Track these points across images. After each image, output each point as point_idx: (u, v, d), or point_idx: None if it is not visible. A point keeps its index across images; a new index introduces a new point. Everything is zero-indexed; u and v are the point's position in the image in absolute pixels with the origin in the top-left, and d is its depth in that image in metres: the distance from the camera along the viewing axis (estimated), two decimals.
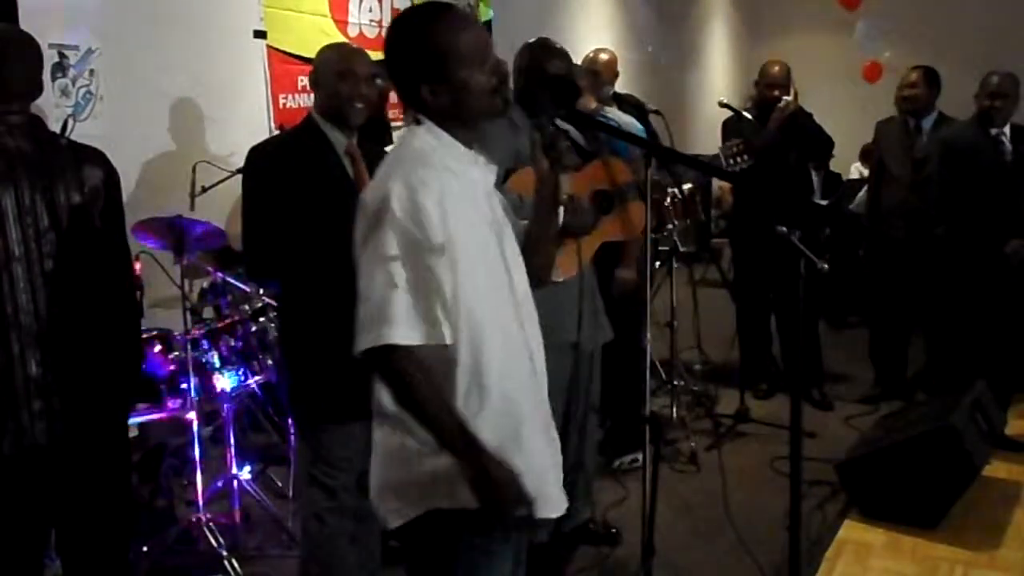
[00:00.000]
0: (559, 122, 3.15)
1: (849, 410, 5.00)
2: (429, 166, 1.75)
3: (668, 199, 3.88)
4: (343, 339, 2.56)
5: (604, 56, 4.71)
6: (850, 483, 3.82)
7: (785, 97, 4.73)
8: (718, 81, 10.39)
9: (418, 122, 1.84)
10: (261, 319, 3.65)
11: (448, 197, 1.71)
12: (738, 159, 3.48)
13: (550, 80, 3.11)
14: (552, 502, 1.89)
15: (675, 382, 4.62)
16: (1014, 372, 4.64)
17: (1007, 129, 4.47)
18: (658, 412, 4.35)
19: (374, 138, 1.86)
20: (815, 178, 6.39)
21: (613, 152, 3.33)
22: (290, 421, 3.77)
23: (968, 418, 3.74)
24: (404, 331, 1.63)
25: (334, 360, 2.58)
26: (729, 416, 4.86)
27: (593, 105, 3.84)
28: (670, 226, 4.02)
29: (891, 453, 3.70)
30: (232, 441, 3.64)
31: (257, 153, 2.73)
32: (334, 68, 2.66)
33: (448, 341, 1.68)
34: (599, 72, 4.61)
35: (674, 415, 4.58)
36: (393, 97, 3.64)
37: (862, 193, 6.44)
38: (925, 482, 3.62)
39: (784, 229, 2.39)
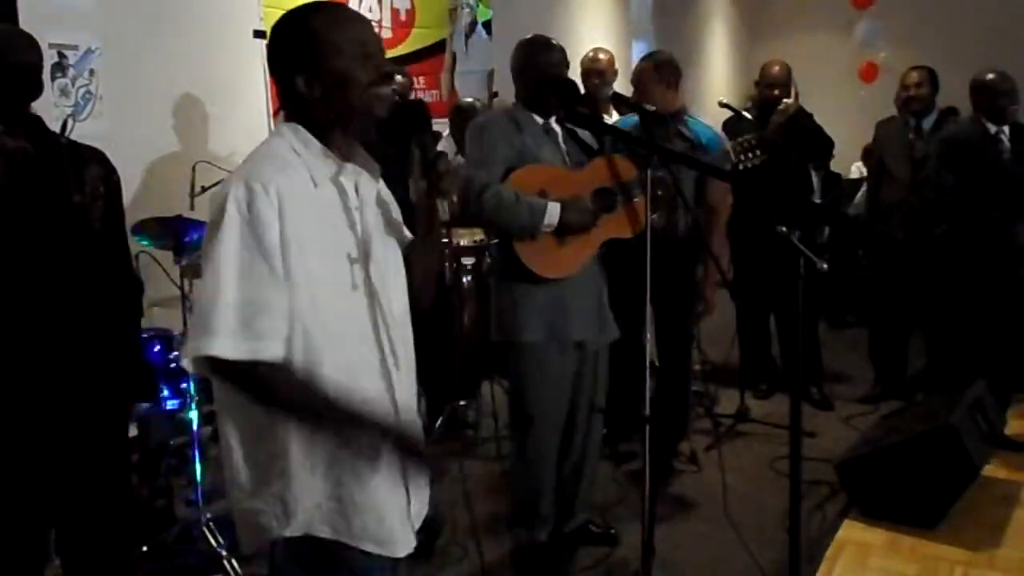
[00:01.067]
0: (553, 123, 3.17)
1: (849, 410, 5.01)
2: (277, 168, 1.65)
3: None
4: None
5: (603, 56, 4.71)
6: (850, 483, 3.82)
7: (785, 100, 4.73)
8: (718, 81, 10.38)
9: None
10: None
11: (291, 205, 1.61)
12: (750, 155, 3.45)
13: (549, 81, 3.11)
14: (396, 542, 1.78)
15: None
16: (1014, 372, 4.64)
17: (1006, 128, 4.48)
18: None
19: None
20: (815, 178, 6.38)
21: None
22: None
23: (968, 418, 3.74)
24: (223, 342, 1.55)
25: None
26: (729, 416, 4.86)
27: (677, 105, 3.84)
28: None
29: (891, 453, 3.70)
30: None
31: None
32: None
33: (274, 358, 1.59)
34: (604, 72, 4.62)
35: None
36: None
37: (861, 193, 6.44)
38: (925, 482, 3.62)
39: (784, 229, 2.39)
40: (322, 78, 1.68)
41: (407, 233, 1.95)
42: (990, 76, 4.50)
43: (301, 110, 1.72)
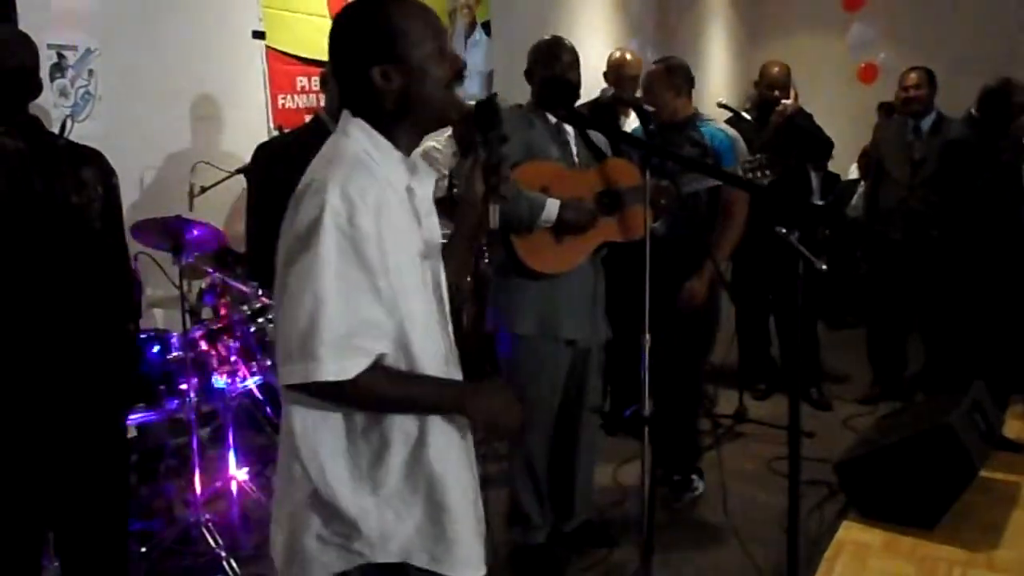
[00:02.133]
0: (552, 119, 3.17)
1: (848, 410, 5.01)
2: (366, 173, 1.59)
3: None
4: None
5: (630, 56, 4.73)
6: (849, 483, 3.83)
7: (784, 101, 4.73)
8: (717, 82, 10.38)
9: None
10: (260, 319, 3.65)
11: (384, 215, 1.57)
12: (758, 173, 3.40)
13: (547, 81, 3.13)
14: (472, 561, 1.74)
15: None
16: (1011, 373, 4.64)
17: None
18: None
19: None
20: (814, 179, 6.39)
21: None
22: None
23: (967, 418, 3.75)
24: (328, 368, 1.51)
25: None
26: (728, 416, 4.86)
27: (689, 112, 3.80)
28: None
29: (889, 453, 3.71)
30: (231, 442, 3.64)
31: (264, 151, 2.73)
32: None
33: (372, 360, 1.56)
34: (628, 71, 4.62)
35: None
36: None
37: (859, 194, 6.45)
38: (923, 482, 3.63)
39: (783, 230, 2.39)
40: (402, 69, 1.62)
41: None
42: (996, 83, 4.47)
43: (369, 104, 1.65)
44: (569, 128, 3.21)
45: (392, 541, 1.63)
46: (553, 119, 3.18)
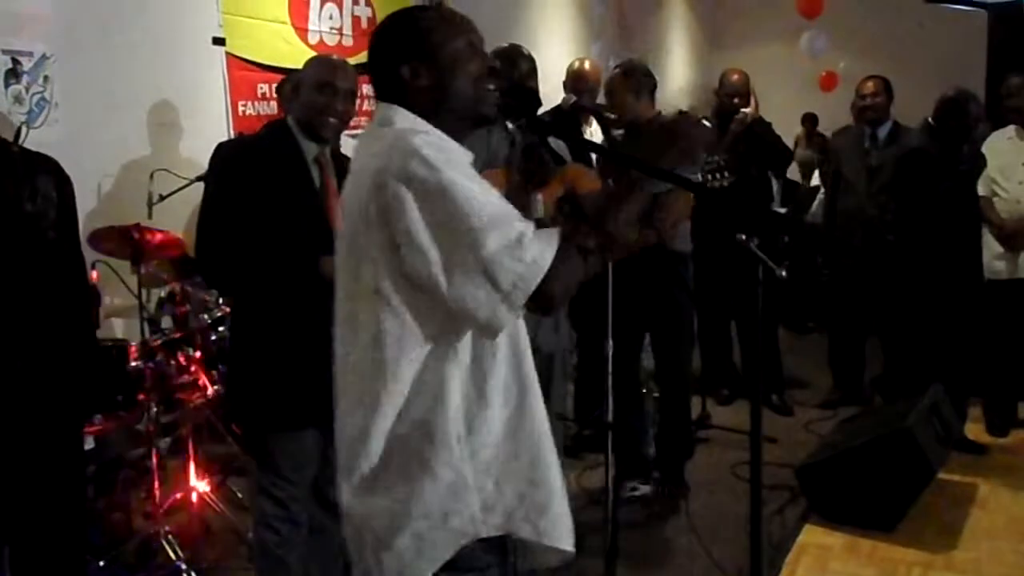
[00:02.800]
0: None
1: (809, 415, 5.06)
2: (437, 135, 1.61)
3: None
4: (294, 345, 2.56)
5: (588, 65, 4.72)
6: (810, 487, 3.86)
7: (744, 109, 4.77)
8: (678, 89, 10.46)
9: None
10: (220, 328, 3.61)
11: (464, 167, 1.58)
12: (718, 175, 3.41)
13: (508, 90, 3.13)
14: (568, 530, 1.76)
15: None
16: (970, 376, 4.72)
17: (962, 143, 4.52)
18: None
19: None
20: (775, 185, 6.45)
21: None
22: None
23: (924, 422, 3.80)
24: (536, 264, 1.49)
25: (284, 367, 2.57)
26: (691, 422, 4.88)
27: (651, 114, 3.78)
28: None
29: (849, 457, 3.75)
30: (191, 452, 3.60)
31: (224, 151, 2.70)
32: (315, 79, 2.63)
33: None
34: (589, 81, 4.61)
35: None
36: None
37: (818, 201, 6.52)
38: (883, 485, 3.67)
39: (743, 236, 2.41)
40: (432, 65, 1.65)
41: None
42: (954, 92, 4.51)
43: (403, 103, 1.66)
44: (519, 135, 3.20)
45: (494, 513, 1.60)
46: (510, 126, 3.18)
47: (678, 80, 10.65)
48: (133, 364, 3.40)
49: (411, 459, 1.56)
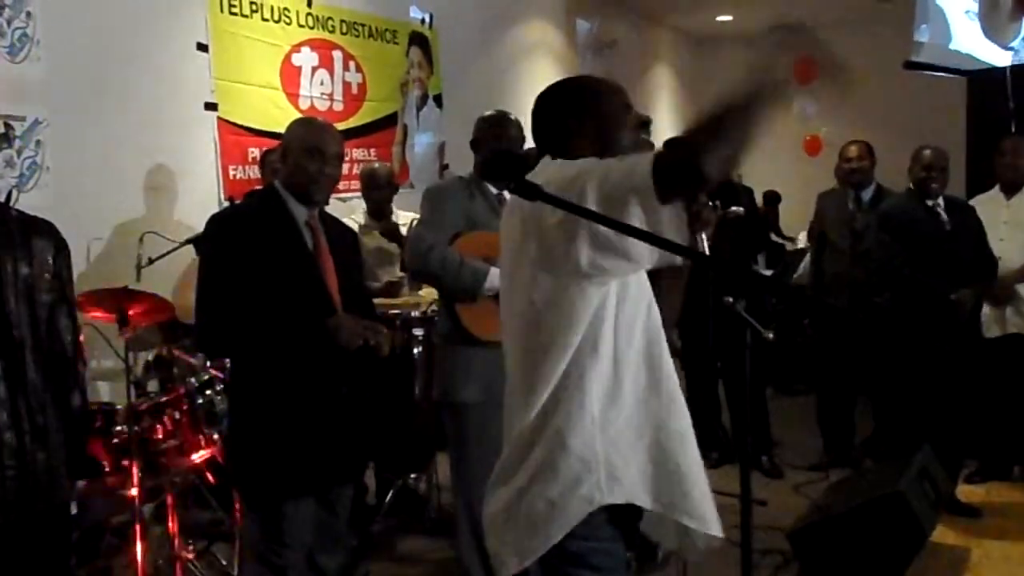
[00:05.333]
0: (506, 194, 3.21)
1: (799, 477, 5.03)
2: None
3: None
4: (296, 413, 2.56)
5: None
6: (802, 551, 3.82)
7: (733, 208, 4.77)
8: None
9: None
10: (207, 392, 3.58)
11: None
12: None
13: (500, 154, 3.18)
14: (711, 520, 1.93)
15: None
16: (963, 437, 4.71)
17: (941, 200, 4.59)
18: None
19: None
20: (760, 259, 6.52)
21: None
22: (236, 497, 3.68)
23: (916, 484, 3.78)
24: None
25: (287, 436, 2.57)
26: None
27: None
28: None
29: (841, 521, 3.72)
30: (175, 518, 3.54)
31: (218, 222, 2.72)
32: (302, 144, 2.65)
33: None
34: None
35: None
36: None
37: (805, 263, 6.57)
38: (875, 549, 3.63)
39: (730, 299, 2.43)
40: (593, 117, 1.98)
41: None
42: (926, 151, 4.60)
43: (569, 146, 1.98)
44: (509, 199, 3.24)
45: (620, 484, 1.80)
46: (495, 190, 3.23)
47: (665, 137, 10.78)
48: (118, 428, 3.36)
49: (551, 436, 1.81)
